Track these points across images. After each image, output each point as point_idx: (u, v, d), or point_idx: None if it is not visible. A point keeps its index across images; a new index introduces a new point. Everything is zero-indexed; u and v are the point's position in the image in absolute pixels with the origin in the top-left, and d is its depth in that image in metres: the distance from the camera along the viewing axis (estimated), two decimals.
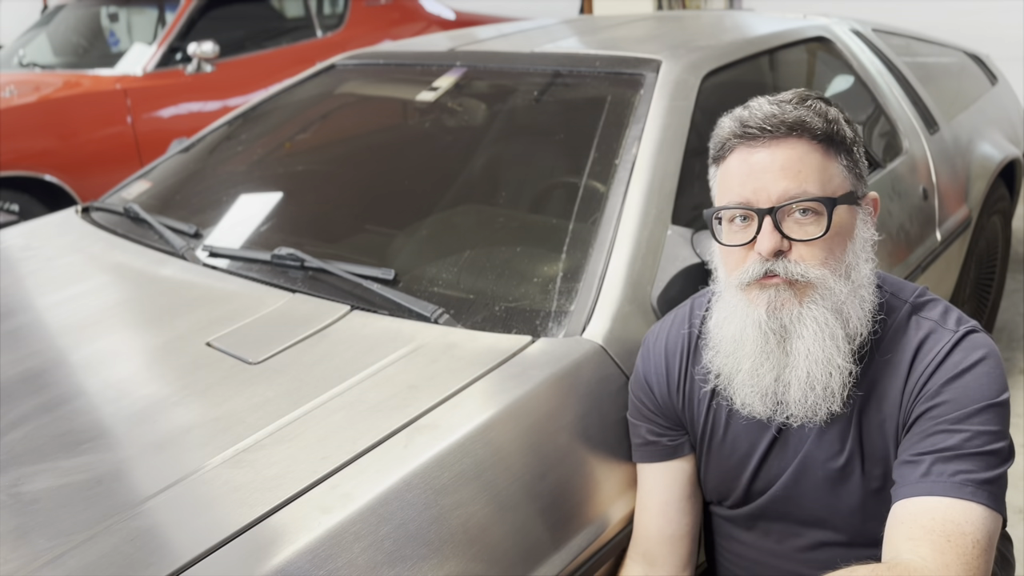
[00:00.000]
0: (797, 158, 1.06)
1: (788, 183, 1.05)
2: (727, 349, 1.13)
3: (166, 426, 1.21)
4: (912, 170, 2.23)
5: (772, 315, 1.07)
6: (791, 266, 1.06)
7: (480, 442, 1.15)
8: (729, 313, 1.12)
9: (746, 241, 1.08)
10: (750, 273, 1.07)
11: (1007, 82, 3.33)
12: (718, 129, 1.13)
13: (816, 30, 2.39)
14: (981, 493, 1.01)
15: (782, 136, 1.06)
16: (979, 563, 0.98)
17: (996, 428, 1.04)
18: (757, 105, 1.09)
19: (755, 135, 1.07)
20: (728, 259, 1.12)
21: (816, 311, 1.06)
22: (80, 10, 4.94)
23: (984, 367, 1.07)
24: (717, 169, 1.15)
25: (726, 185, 1.11)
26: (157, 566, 0.95)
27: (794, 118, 1.06)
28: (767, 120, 1.06)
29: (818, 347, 1.06)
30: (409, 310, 1.44)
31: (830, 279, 1.06)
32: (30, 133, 3.80)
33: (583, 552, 1.20)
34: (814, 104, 1.09)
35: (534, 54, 2.06)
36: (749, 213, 1.07)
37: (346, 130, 2.37)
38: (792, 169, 1.06)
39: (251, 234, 1.84)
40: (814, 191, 1.05)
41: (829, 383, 1.07)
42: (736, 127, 1.09)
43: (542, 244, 1.64)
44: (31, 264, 1.86)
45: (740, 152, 1.09)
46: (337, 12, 5.21)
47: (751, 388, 1.11)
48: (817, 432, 1.14)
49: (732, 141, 1.10)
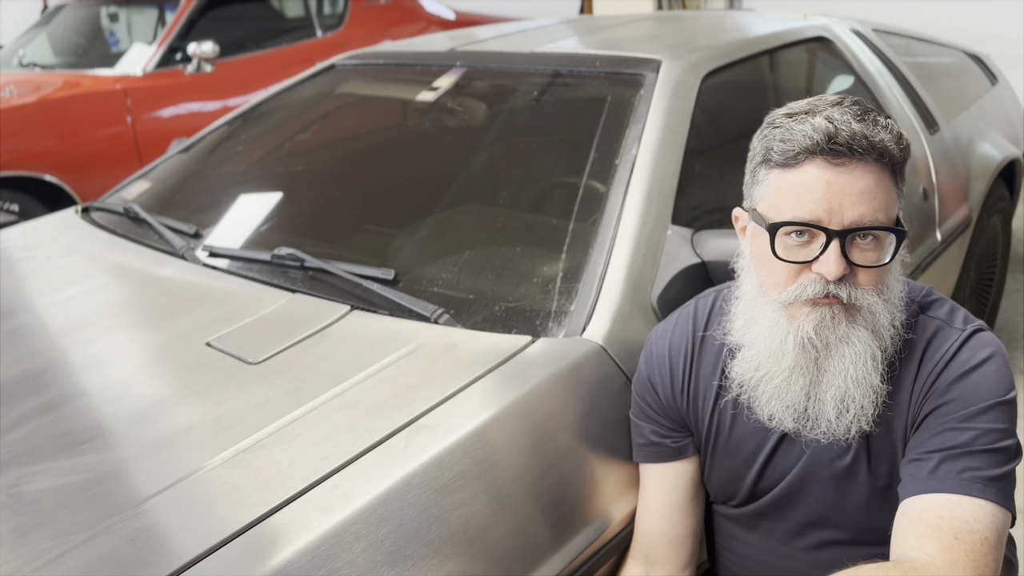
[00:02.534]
0: (875, 184, 1.02)
1: (865, 209, 1.02)
2: (756, 361, 1.11)
3: (166, 426, 1.21)
4: (912, 170, 2.23)
5: (820, 333, 1.05)
6: (854, 291, 1.04)
7: (480, 442, 1.15)
8: (763, 326, 1.09)
9: (806, 259, 1.04)
10: (807, 292, 1.04)
11: (1007, 82, 3.33)
12: (788, 133, 1.04)
13: (816, 30, 2.39)
14: (990, 490, 1.01)
15: (869, 160, 1.02)
16: (987, 560, 0.97)
17: (1004, 426, 1.04)
18: (843, 120, 1.02)
19: (842, 153, 1.01)
20: (773, 272, 1.08)
21: (860, 332, 1.06)
22: (80, 10, 4.94)
23: (992, 365, 1.07)
24: (773, 172, 1.07)
25: (792, 196, 1.04)
26: (157, 566, 0.95)
27: (880, 142, 1.02)
28: (857, 140, 1.01)
29: (858, 367, 1.06)
30: (409, 310, 1.44)
31: (878, 304, 1.06)
32: (30, 133, 3.80)
33: (583, 552, 1.20)
34: (890, 126, 1.04)
35: (534, 54, 2.06)
36: (815, 232, 1.03)
37: (346, 130, 2.37)
38: (870, 195, 1.02)
39: (251, 234, 1.84)
40: (884, 220, 1.03)
41: (863, 403, 1.07)
42: (821, 139, 1.01)
43: (542, 244, 1.64)
44: (31, 264, 1.86)
45: (818, 167, 1.02)
46: (337, 12, 5.21)
47: (779, 400, 1.10)
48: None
49: (811, 153, 1.02)
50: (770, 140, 1.07)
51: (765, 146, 1.08)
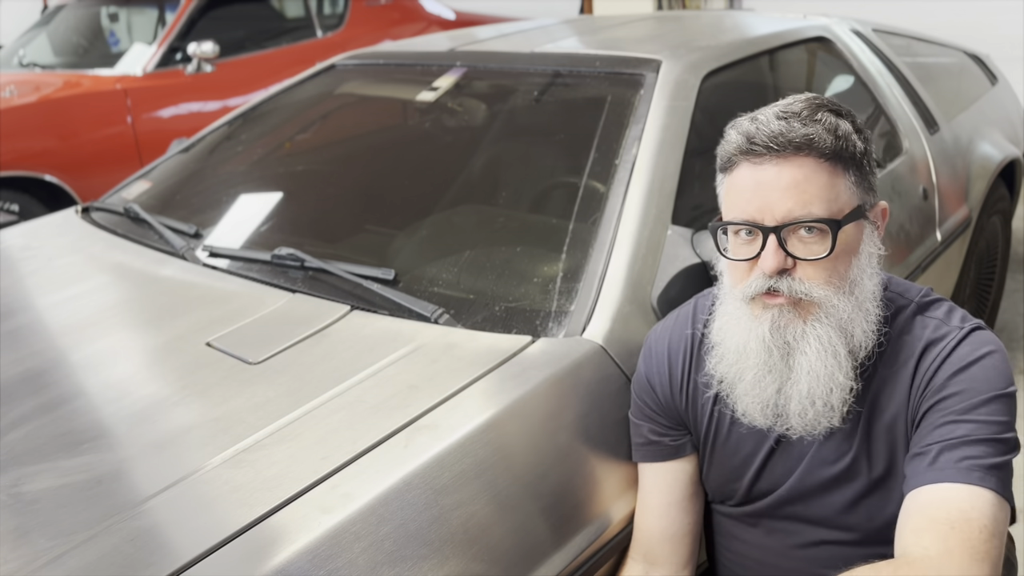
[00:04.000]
0: (803, 177, 1.04)
1: (793, 203, 1.04)
2: (730, 358, 1.13)
3: (166, 426, 1.21)
4: (912, 170, 2.23)
5: (775, 333, 1.07)
6: (795, 284, 1.05)
7: (480, 442, 1.15)
8: (733, 324, 1.12)
9: (751, 256, 1.07)
10: (753, 288, 1.07)
11: (1007, 82, 3.33)
12: (725, 140, 1.11)
13: (816, 30, 2.39)
14: (989, 478, 1.00)
15: (789, 154, 1.04)
16: (986, 548, 0.96)
17: (1004, 419, 1.04)
18: (765, 120, 1.06)
19: (761, 152, 1.05)
20: (733, 271, 1.12)
21: (820, 329, 1.06)
22: (80, 10, 4.94)
23: (991, 360, 1.07)
24: (724, 178, 1.13)
25: (732, 199, 1.10)
26: (157, 566, 0.95)
27: (801, 136, 1.04)
28: (774, 139, 1.04)
29: (820, 364, 1.06)
30: (409, 310, 1.44)
31: (834, 297, 1.06)
32: (30, 133, 3.80)
33: (583, 552, 1.20)
34: (824, 118, 1.06)
35: (534, 54, 2.06)
36: (754, 229, 1.07)
37: (346, 130, 2.37)
38: (797, 189, 1.04)
39: (251, 234, 1.84)
40: (819, 212, 1.04)
41: (829, 399, 1.08)
42: (742, 142, 1.06)
43: (542, 244, 1.64)
44: (31, 264, 1.86)
45: (746, 167, 1.07)
46: (337, 12, 5.21)
47: (752, 398, 1.11)
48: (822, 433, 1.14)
49: (738, 156, 1.08)
50: (718, 149, 1.13)
51: (717, 155, 1.14)
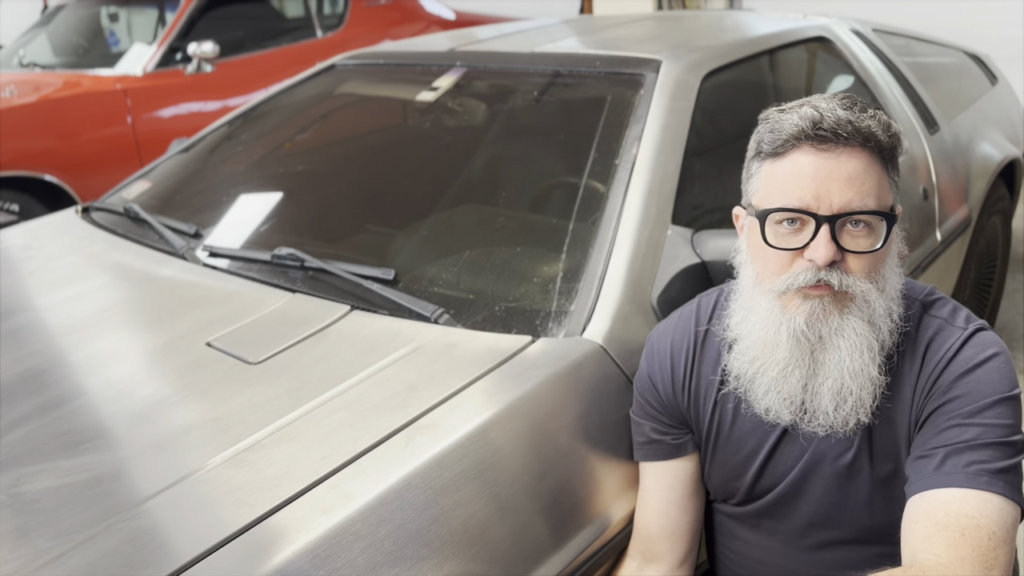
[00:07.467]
0: (863, 169, 1.04)
1: (853, 194, 1.03)
2: (752, 353, 1.12)
3: (166, 426, 1.21)
4: (912, 170, 2.23)
5: (811, 325, 1.06)
6: (844, 277, 1.04)
7: (480, 442, 1.15)
8: (758, 317, 1.10)
9: (797, 246, 1.05)
10: (799, 280, 1.05)
11: (1007, 82, 3.33)
12: (776, 124, 1.07)
13: (816, 30, 2.39)
14: (996, 483, 1.00)
15: (854, 144, 1.03)
16: (997, 554, 0.96)
17: (1010, 421, 1.04)
18: (828, 108, 1.04)
19: (828, 138, 1.03)
20: (768, 262, 1.09)
21: (855, 323, 1.06)
22: (80, 10, 4.94)
23: (995, 363, 1.07)
24: (765, 164, 1.09)
25: (780, 185, 1.06)
26: (157, 566, 0.96)
27: (867, 128, 1.04)
28: (842, 125, 1.03)
29: (855, 359, 1.06)
30: (409, 310, 1.44)
31: (872, 292, 1.06)
32: (30, 133, 3.80)
33: (583, 552, 1.20)
34: (878, 115, 1.06)
35: (534, 54, 2.06)
36: (806, 218, 1.04)
37: (346, 130, 2.37)
38: (857, 180, 1.03)
39: (251, 234, 1.84)
40: (874, 205, 1.04)
41: (861, 395, 1.07)
42: (807, 126, 1.04)
43: (542, 244, 1.64)
44: (31, 264, 1.86)
45: (806, 153, 1.04)
46: (337, 12, 5.21)
47: (776, 393, 1.10)
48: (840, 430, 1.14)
49: (797, 141, 1.05)
50: (761, 134, 1.10)
51: (757, 140, 1.11)
